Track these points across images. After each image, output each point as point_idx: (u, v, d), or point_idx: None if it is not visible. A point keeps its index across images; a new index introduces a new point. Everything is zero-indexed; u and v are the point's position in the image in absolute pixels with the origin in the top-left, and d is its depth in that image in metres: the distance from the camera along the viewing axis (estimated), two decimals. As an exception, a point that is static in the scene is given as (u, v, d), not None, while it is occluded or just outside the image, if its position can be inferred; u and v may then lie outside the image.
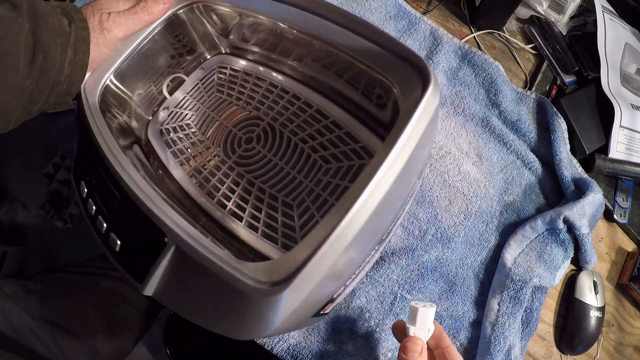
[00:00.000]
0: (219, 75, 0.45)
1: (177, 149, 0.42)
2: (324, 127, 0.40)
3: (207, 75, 0.45)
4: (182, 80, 0.44)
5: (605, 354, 0.47)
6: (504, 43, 0.58)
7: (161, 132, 0.42)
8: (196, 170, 0.40)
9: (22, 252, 0.83)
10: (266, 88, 0.44)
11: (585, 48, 0.57)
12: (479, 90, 0.53)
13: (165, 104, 0.43)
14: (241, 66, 0.45)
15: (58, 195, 0.79)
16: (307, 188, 0.38)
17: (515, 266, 0.44)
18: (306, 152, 0.40)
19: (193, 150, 0.41)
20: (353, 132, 0.39)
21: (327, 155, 0.39)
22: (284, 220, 0.37)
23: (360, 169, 0.38)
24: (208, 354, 0.70)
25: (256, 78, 0.44)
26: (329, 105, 0.41)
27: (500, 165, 0.50)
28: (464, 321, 0.43)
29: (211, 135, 0.42)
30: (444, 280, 0.44)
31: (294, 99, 0.42)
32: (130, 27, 0.36)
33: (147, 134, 0.42)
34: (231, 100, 0.44)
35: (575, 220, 0.45)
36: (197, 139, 0.42)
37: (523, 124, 0.51)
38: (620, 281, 0.50)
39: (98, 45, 0.34)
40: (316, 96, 0.42)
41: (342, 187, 0.37)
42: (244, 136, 0.42)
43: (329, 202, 0.37)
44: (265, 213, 0.38)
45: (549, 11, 0.58)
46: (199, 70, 0.45)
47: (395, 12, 0.55)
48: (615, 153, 0.52)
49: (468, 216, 0.47)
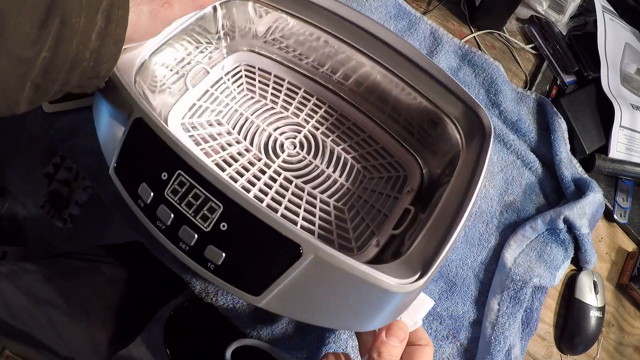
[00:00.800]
0: (247, 72, 0.45)
1: (210, 147, 0.39)
2: (362, 140, 0.44)
3: (231, 71, 0.44)
4: (205, 72, 0.42)
5: (605, 354, 0.47)
6: (504, 43, 0.58)
7: (183, 127, 0.40)
8: (237, 173, 0.39)
9: (22, 252, 0.83)
10: (302, 95, 0.45)
11: (585, 48, 0.57)
12: (479, 90, 0.53)
13: (186, 96, 0.41)
14: (270, 68, 0.45)
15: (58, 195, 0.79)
16: (354, 195, 0.41)
17: (515, 266, 0.44)
18: (350, 162, 0.43)
19: (230, 150, 0.40)
20: (387, 147, 0.44)
21: (368, 167, 0.43)
22: (338, 223, 0.39)
23: (398, 180, 0.42)
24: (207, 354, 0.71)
25: (289, 83, 0.45)
26: (365, 120, 0.44)
27: (500, 165, 0.50)
28: (464, 321, 0.43)
29: (249, 137, 0.42)
30: (444, 280, 0.44)
31: (332, 110, 0.45)
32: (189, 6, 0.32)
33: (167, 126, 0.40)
34: (266, 102, 0.44)
35: (575, 220, 0.45)
36: (232, 139, 0.41)
37: (523, 124, 0.51)
38: (620, 281, 0.50)
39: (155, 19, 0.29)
40: (352, 109, 0.45)
41: (384, 196, 0.41)
42: (285, 141, 0.42)
43: (375, 208, 0.40)
44: (320, 217, 0.39)
45: (549, 11, 0.58)
46: (223, 63, 0.44)
47: (395, 12, 0.55)
48: (615, 153, 0.52)
49: (468, 216, 0.47)
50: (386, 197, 0.41)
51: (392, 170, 0.43)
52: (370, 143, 0.43)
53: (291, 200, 0.39)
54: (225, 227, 0.27)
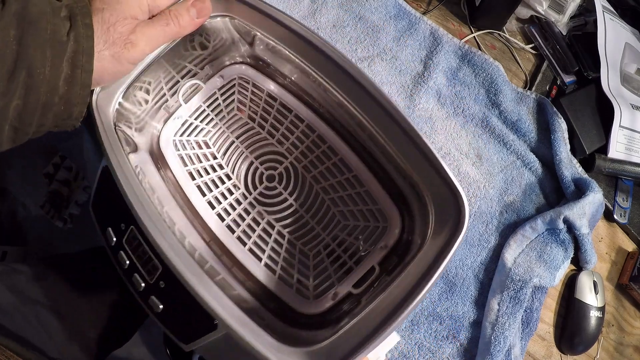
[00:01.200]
0: (240, 89, 0.43)
1: (194, 168, 0.40)
2: (346, 180, 0.40)
3: (225, 85, 0.42)
4: (198, 87, 0.41)
5: (605, 354, 0.47)
6: (504, 43, 0.58)
7: (175, 144, 0.40)
8: (215, 199, 0.39)
9: (22, 252, 0.83)
10: (291, 120, 0.42)
11: (585, 48, 0.57)
12: (479, 90, 0.53)
13: (179, 113, 0.41)
14: (264, 85, 0.42)
15: (58, 195, 0.79)
16: (324, 241, 0.39)
17: (515, 266, 0.44)
18: (327, 204, 0.40)
19: (212, 175, 0.41)
20: (372, 192, 0.39)
21: (345, 212, 0.40)
22: (300, 267, 0.38)
23: (374, 231, 0.38)
24: (208, 354, 0.70)
25: (281, 104, 0.42)
26: (353, 157, 0.40)
27: (500, 166, 0.50)
28: (464, 321, 0.43)
29: (232, 163, 0.41)
30: (443, 281, 0.44)
31: (320, 141, 0.41)
32: (159, 41, 0.31)
33: (158, 144, 0.40)
34: (253, 126, 0.42)
35: (575, 220, 0.45)
36: (216, 163, 0.41)
37: (523, 124, 0.51)
38: (620, 281, 0.50)
39: (120, 61, 0.29)
40: (341, 143, 0.40)
41: (355, 247, 0.38)
42: (265, 172, 0.41)
43: (342, 258, 0.38)
44: (283, 258, 0.38)
45: (549, 11, 0.58)
46: (217, 78, 0.42)
47: (395, 12, 0.55)
48: (615, 153, 0.52)
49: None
50: (357, 248, 0.38)
51: (371, 219, 0.39)
52: (354, 184, 0.39)
53: (260, 236, 0.39)
54: (164, 286, 0.31)
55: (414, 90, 0.51)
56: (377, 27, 0.54)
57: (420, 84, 0.51)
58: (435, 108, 0.51)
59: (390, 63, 0.52)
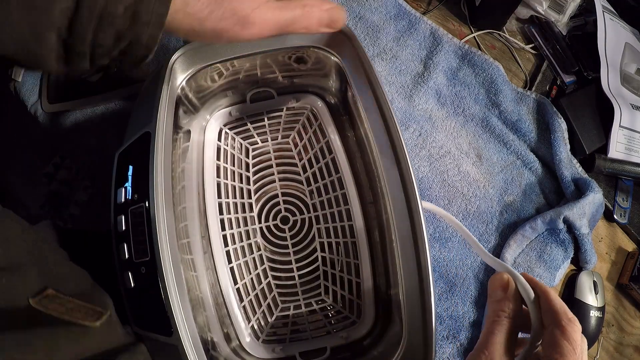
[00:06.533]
0: (305, 121, 0.42)
1: (224, 166, 0.40)
2: (348, 263, 0.40)
3: (295, 108, 0.42)
4: (270, 95, 0.40)
5: (605, 354, 0.47)
6: (504, 43, 0.58)
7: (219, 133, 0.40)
8: (226, 206, 0.40)
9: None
10: (333, 181, 0.41)
11: (585, 48, 0.57)
12: (479, 90, 0.53)
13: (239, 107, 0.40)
14: (328, 131, 0.42)
15: (58, 195, 0.79)
16: (297, 302, 0.39)
17: (515, 266, 0.44)
18: (318, 274, 0.40)
19: (236, 184, 0.41)
20: (364, 287, 0.39)
21: (330, 289, 0.40)
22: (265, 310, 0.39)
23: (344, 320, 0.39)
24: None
25: (332, 160, 0.41)
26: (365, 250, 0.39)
27: (500, 166, 0.50)
28: (464, 321, 0.43)
29: (259, 184, 0.42)
30: (443, 281, 0.44)
31: (346, 215, 0.40)
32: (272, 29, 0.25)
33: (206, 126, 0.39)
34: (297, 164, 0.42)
35: (575, 220, 0.45)
36: (245, 175, 0.41)
37: (523, 124, 0.51)
38: (620, 281, 0.50)
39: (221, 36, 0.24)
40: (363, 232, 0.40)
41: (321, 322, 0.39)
42: (283, 212, 0.41)
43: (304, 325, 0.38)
44: (256, 294, 0.39)
45: (549, 11, 0.58)
46: (291, 97, 0.41)
47: (395, 12, 0.55)
48: (615, 153, 0.52)
49: (466, 216, 0.47)
50: (321, 324, 0.39)
51: (348, 308, 0.39)
52: (352, 272, 0.39)
53: (247, 262, 0.40)
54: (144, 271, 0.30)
55: (414, 90, 0.51)
56: (377, 27, 0.54)
57: (420, 83, 0.51)
58: (435, 108, 0.51)
59: (390, 63, 0.52)
